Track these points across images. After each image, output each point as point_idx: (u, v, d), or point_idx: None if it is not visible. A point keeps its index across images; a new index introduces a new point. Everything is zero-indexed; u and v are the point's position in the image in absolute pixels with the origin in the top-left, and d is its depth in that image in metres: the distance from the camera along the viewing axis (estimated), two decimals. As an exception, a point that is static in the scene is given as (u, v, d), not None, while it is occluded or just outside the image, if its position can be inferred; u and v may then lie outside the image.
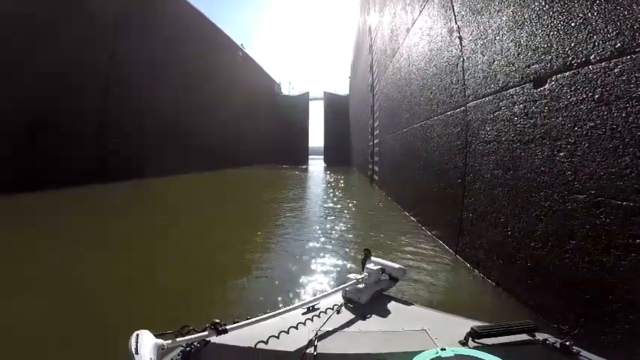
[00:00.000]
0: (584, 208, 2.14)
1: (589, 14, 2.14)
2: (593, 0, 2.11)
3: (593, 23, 2.10)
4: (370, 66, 15.49)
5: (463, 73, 4.14)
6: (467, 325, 1.09)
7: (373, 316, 1.29)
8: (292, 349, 1.02)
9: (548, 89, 2.53)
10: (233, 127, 26.56)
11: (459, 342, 1.03)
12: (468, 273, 3.72)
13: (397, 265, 1.57)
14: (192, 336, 0.96)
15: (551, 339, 1.02)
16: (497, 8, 3.29)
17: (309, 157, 43.70)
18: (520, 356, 0.99)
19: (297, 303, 1.30)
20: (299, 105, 42.42)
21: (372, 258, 1.61)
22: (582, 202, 2.16)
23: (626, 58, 1.87)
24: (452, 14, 4.46)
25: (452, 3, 4.46)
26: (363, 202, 10.49)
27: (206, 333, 0.98)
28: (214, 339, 1.00)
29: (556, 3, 2.45)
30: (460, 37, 4.22)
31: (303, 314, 1.25)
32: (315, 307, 1.32)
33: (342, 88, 42.29)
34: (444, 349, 0.87)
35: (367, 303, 1.38)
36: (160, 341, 0.85)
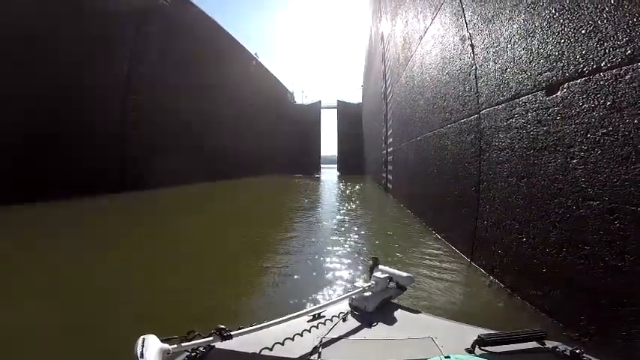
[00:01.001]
0: (599, 215, 2.13)
1: (599, 21, 2.16)
2: (602, 7, 2.13)
3: (604, 30, 2.12)
4: (383, 74, 15.55)
5: (476, 81, 4.16)
6: (475, 332, 1.06)
7: (379, 324, 1.27)
8: (296, 356, 1.02)
9: (561, 96, 2.54)
10: (245, 136, 26.89)
11: (466, 350, 1.01)
12: (482, 279, 3.69)
13: (405, 274, 1.54)
14: (198, 341, 0.96)
15: (562, 347, 1.00)
16: (509, 16, 3.33)
17: (322, 166, 43.53)
18: None
19: (302, 310, 1.26)
20: (311, 113, 42.69)
21: (380, 266, 1.59)
22: (596, 208, 2.15)
23: (637, 65, 1.88)
24: (463, 22, 4.50)
25: (463, 11, 4.51)
26: (377, 209, 10.49)
27: (211, 338, 0.99)
28: (219, 344, 1.00)
29: (566, 11, 2.47)
30: (472, 45, 4.25)
31: (308, 321, 1.24)
32: (321, 314, 1.30)
33: (355, 96, 42.46)
34: (448, 357, 0.85)
35: (374, 311, 1.35)
36: (166, 346, 0.86)
